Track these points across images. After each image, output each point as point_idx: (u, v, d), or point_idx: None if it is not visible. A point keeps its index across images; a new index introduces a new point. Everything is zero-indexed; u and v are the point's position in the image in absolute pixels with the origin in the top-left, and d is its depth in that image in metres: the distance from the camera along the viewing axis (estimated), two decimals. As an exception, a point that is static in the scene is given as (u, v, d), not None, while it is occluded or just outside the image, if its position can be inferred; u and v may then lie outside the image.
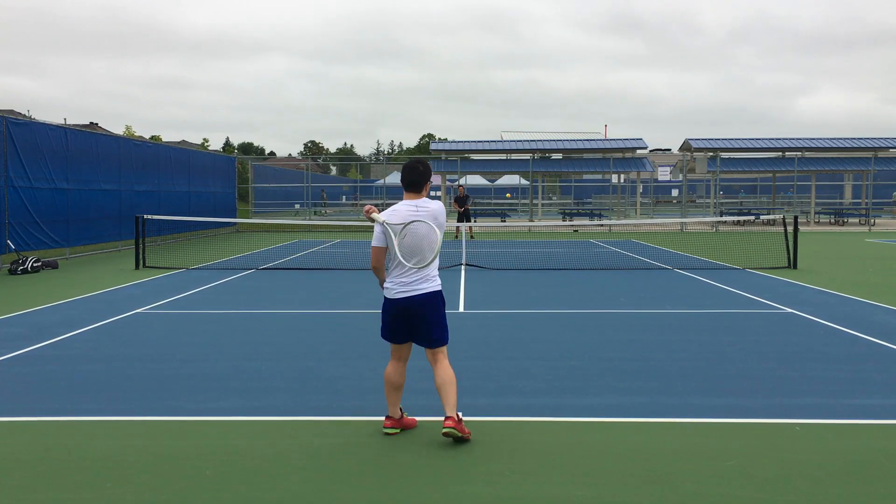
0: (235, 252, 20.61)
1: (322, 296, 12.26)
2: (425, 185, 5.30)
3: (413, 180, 5.25)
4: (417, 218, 5.10)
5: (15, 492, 4.32)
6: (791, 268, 15.88)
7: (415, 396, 6.22)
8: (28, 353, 7.83)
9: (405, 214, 5.15)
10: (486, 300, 11.56)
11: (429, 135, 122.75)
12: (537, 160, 39.71)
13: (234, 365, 7.33)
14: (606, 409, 5.90)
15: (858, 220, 38.16)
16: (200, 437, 5.26)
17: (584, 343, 8.37)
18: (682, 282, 13.90)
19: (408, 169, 5.28)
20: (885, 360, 7.56)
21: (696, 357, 7.64)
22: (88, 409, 5.87)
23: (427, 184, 5.31)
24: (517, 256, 19.02)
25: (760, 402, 6.04)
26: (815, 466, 4.67)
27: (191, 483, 4.42)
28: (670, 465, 4.68)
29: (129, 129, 64.97)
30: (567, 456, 4.85)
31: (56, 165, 18.38)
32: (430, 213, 5.15)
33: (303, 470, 4.63)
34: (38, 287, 13.28)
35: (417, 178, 5.24)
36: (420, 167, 5.28)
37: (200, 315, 10.29)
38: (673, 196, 62.16)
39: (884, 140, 37.72)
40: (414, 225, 5.09)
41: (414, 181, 5.25)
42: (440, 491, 4.31)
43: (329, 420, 5.63)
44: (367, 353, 7.81)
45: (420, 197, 5.26)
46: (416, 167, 5.28)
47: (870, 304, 11.16)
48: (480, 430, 5.30)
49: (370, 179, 71.26)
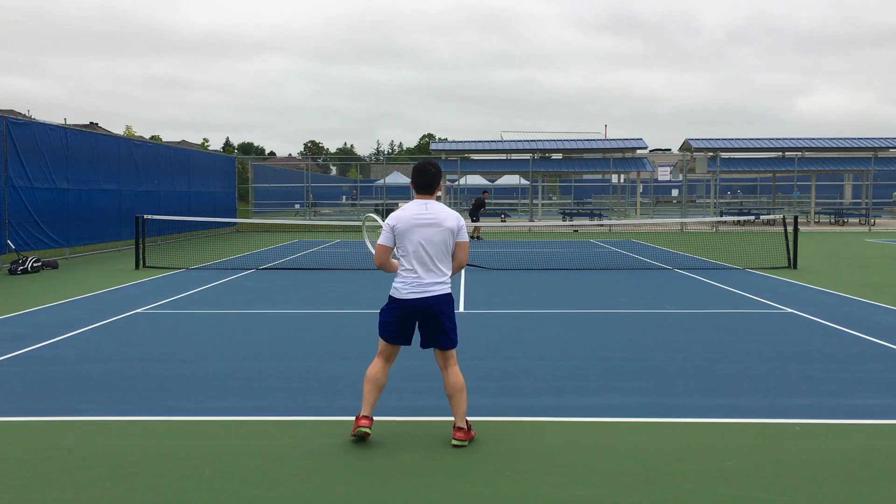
0: (235, 252, 20.61)
1: (322, 296, 12.26)
2: (437, 186, 5.26)
3: (424, 182, 5.21)
4: (426, 220, 5.07)
5: (15, 492, 4.32)
6: (791, 268, 15.88)
7: (415, 396, 6.23)
8: (28, 353, 7.83)
9: (412, 215, 5.11)
10: (486, 300, 11.56)
11: (429, 135, 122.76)
12: (537, 160, 39.72)
13: (234, 365, 7.33)
14: (606, 409, 5.89)
15: (858, 220, 38.18)
16: (200, 437, 5.26)
17: (584, 343, 8.37)
18: (682, 282, 13.90)
19: (419, 170, 5.22)
20: (885, 360, 7.56)
21: (696, 357, 7.64)
22: (88, 409, 5.86)
23: (439, 185, 5.28)
24: (517, 256, 19.02)
25: (760, 402, 6.04)
26: (815, 466, 4.67)
27: (190, 483, 4.42)
28: (670, 465, 4.68)
29: (130, 129, 64.97)
30: (567, 456, 4.85)
31: (56, 165, 18.39)
32: (438, 216, 5.11)
33: (303, 470, 4.62)
34: (38, 287, 13.28)
35: (429, 180, 5.21)
36: (432, 168, 5.24)
37: (200, 315, 10.29)
38: (673, 196, 62.17)
39: (884, 140, 37.73)
40: (423, 227, 5.07)
41: (425, 183, 5.21)
42: (440, 491, 4.31)
43: (329, 420, 5.63)
44: (367, 353, 7.80)
45: (431, 198, 5.23)
46: (428, 168, 5.23)
47: (870, 304, 11.16)
48: (480, 431, 5.30)
49: (370, 179, 71.25)
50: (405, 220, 5.10)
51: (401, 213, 5.17)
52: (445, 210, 5.19)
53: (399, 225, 5.11)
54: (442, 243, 5.10)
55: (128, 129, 65.56)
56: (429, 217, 5.09)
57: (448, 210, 5.21)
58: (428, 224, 5.08)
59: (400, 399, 6.14)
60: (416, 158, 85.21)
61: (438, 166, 5.31)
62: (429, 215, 5.10)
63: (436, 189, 5.27)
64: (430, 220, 5.09)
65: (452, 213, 5.21)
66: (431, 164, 5.25)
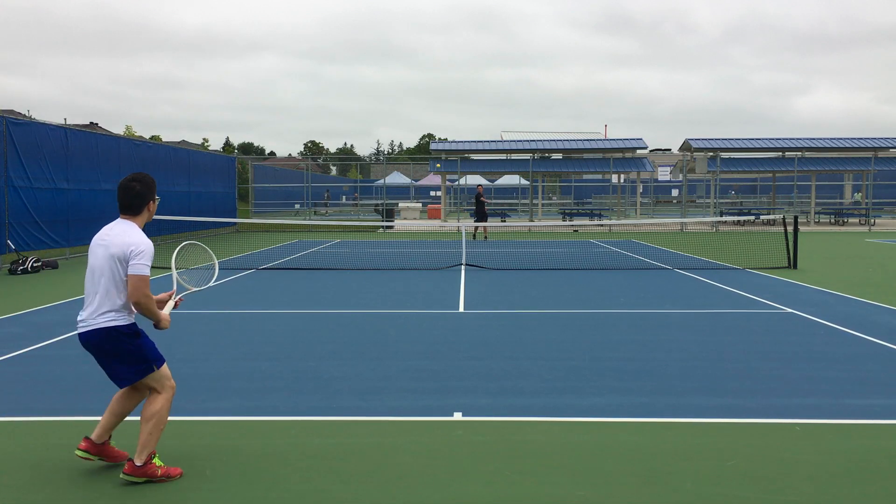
0: (235, 252, 20.61)
1: (322, 296, 12.26)
2: (144, 206, 4.58)
3: (124, 203, 4.56)
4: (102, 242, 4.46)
5: (15, 492, 4.32)
6: (791, 268, 15.88)
7: (415, 396, 6.23)
8: (28, 353, 7.83)
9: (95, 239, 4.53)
10: (486, 300, 11.56)
11: (429, 135, 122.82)
12: (537, 160, 39.70)
13: (234, 365, 7.33)
14: (606, 409, 5.89)
15: (858, 220, 38.17)
16: (200, 437, 5.26)
17: (584, 343, 8.37)
18: (682, 282, 13.90)
19: (121, 190, 4.56)
20: (885, 360, 7.56)
21: (696, 357, 7.64)
22: (88, 409, 5.86)
23: (147, 205, 4.59)
24: (517, 256, 19.02)
25: (760, 402, 6.04)
26: (814, 466, 4.67)
27: (191, 483, 4.42)
28: (670, 465, 4.68)
29: (129, 129, 64.97)
30: (567, 456, 4.85)
31: (56, 165, 18.39)
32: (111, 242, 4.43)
33: (303, 470, 4.63)
34: (38, 287, 13.28)
35: (130, 200, 4.54)
36: (137, 186, 4.54)
37: (200, 315, 10.29)
38: (673, 196, 62.17)
39: (884, 140, 37.72)
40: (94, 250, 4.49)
41: (125, 204, 4.56)
42: (440, 491, 4.31)
43: (329, 420, 5.63)
44: (367, 353, 7.81)
45: (132, 220, 4.57)
46: (132, 187, 4.54)
47: (870, 304, 11.16)
48: (480, 430, 5.30)
49: (370, 179, 71.27)
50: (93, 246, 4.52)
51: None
52: (122, 235, 4.45)
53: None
54: (109, 270, 4.39)
55: (128, 128, 65.59)
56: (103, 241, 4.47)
57: (130, 234, 4.46)
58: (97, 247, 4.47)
59: (400, 399, 6.14)
60: (417, 158, 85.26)
61: (148, 182, 4.58)
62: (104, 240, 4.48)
63: (144, 209, 4.59)
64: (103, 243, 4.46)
65: (130, 239, 4.43)
66: (136, 181, 4.56)
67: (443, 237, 27.74)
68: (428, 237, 28.09)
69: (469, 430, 5.36)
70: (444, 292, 12.36)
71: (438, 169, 38.62)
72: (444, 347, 8.10)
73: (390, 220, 34.76)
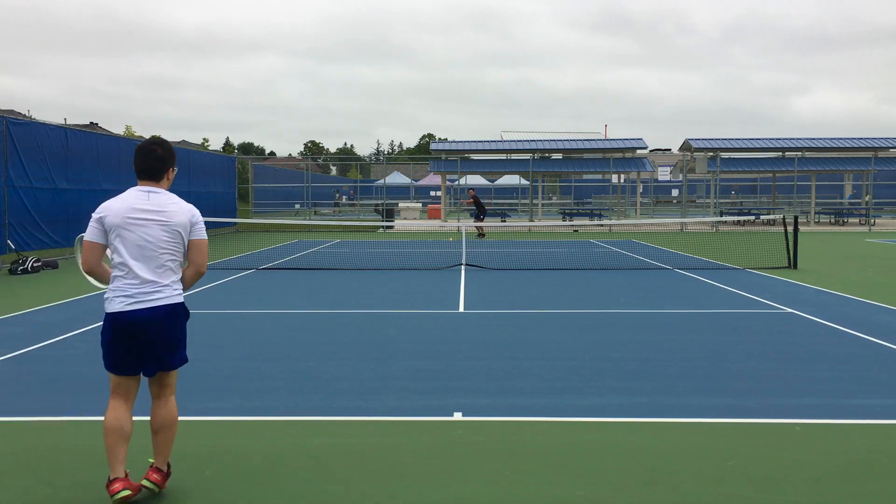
0: (235, 252, 20.60)
1: (322, 296, 12.25)
2: (166, 171, 4.24)
3: (143, 167, 4.19)
4: (143, 214, 4.10)
5: (15, 492, 4.32)
6: (791, 268, 15.88)
7: (415, 396, 6.22)
8: (28, 353, 7.83)
9: (127, 206, 4.10)
10: (486, 300, 11.56)
11: (429, 135, 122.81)
12: (537, 160, 39.69)
13: (234, 365, 7.32)
14: (606, 409, 5.89)
15: (858, 220, 38.17)
16: (200, 437, 5.26)
17: (584, 343, 8.37)
18: (682, 282, 13.90)
19: (139, 152, 4.21)
20: (885, 360, 7.56)
21: (696, 357, 7.64)
22: (88, 409, 5.85)
23: (169, 171, 4.26)
24: (517, 256, 19.02)
25: (760, 402, 6.04)
26: (815, 466, 4.67)
27: (191, 483, 4.42)
28: (670, 465, 4.68)
29: (129, 129, 64.96)
30: (567, 456, 4.85)
31: (56, 165, 18.38)
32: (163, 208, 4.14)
33: (303, 470, 4.62)
34: (38, 287, 13.28)
35: (152, 162, 4.19)
36: (158, 150, 4.22)
37: (200, 315, 10.28)
38: (673, 196, 62.16)
39: (884, 140, 37.72)
40: (139, 222, 4.09)
41: (144, 168, 4.19)
42: (440, 491, 4.31)
43: (329, 420, 5.63)
44: (367, 353, 7.81)
45: (156, 186, 4.21)
46: (153, 150, 4.21)
47: (870, 304, 11.15)
48: (480, 430, 5.30)
49: (370, 179, 71.26)
50: (117, 211, 4.11)
51: (112, 202, 4.16)
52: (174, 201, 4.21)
53: (109, 217, 4.11)
54: (166, 242, 4.14)
55: (128, 128, 65.55)
56: (146, 209, 4.11)
57: (180, 202, 4.24)
58: (144, 222, 4.09)
59: (400, 399, 6.14)
60: (417, 158, 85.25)
61: (169, 148, 4.29)
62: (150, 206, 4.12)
63: (164, 175, 4.24)
64: (146, 215, 4.11)
65: (185, 206, 4.24)
66: (157, 144, 4.27)
67: (443, 237, 27.73)
68: (428, 237, 28.09)
69: (469, 429, 5.36)
70: (444, 292, 12.36)
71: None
72: (444, 347, 8.10)
73: (390, 220, 34.77)
